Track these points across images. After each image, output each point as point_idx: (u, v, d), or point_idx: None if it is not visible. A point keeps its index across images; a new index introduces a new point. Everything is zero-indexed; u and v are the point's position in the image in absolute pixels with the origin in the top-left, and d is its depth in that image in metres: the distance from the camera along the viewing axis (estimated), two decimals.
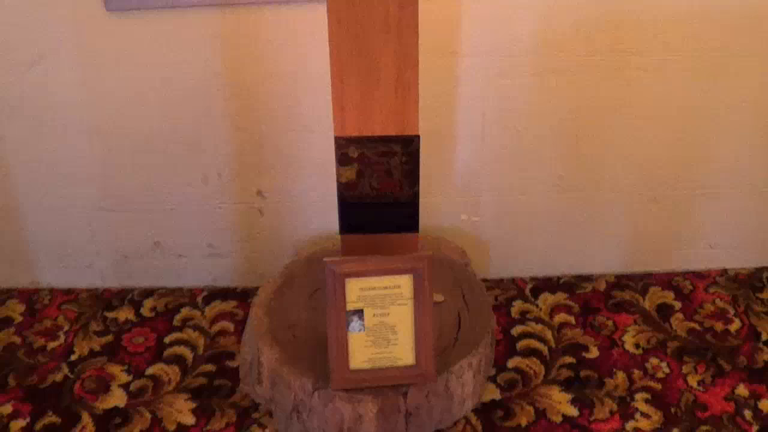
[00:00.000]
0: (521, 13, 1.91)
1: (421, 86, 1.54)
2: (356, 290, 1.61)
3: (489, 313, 1.84)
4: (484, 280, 2.14)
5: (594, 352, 2.01)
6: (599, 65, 1.97)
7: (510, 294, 2.22)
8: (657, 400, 1.88)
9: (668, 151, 2.11)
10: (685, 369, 1.96)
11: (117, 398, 1.89)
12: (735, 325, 2.11)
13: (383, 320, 1.62)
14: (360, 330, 1.61)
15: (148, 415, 1.84)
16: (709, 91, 2.03)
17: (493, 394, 1.89)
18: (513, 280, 2.26)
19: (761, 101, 2.05)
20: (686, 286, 2.25)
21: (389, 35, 1.48)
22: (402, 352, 1.63)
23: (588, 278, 2.27)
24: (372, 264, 1.61)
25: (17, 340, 2.07)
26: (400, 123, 1.56)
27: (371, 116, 1.55)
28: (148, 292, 2.23)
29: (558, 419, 1.83)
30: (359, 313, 1.61)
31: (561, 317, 2.13)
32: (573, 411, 1.85)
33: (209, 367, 1.98)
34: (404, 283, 1.61)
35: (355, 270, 1.60)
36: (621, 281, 2.26)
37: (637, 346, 2.03)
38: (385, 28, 1.48)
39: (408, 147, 1.58)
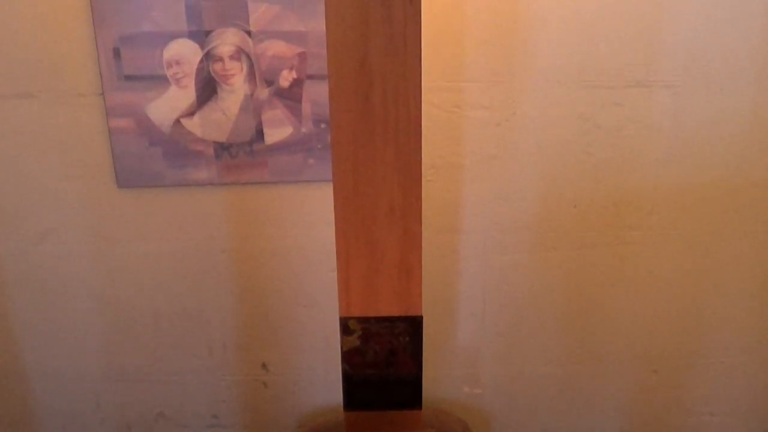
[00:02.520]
0: (520, 192, 1.96)
1: (423, 263, 1.57)
2: None
3: None
4: None
5: None
6: (597, 240, 2.01)
7: None
8: None
9: (667, 322, 2.14)
10: None
11: None
12: None
13: None
14: None
15: None
16: (705, 263, 2.07)
17: None
18: None
19: (755, 273, 2.10)
20: None
21: (393, 220, 1.51)
22: None
23: None
24: None
25: None
26: (404, 304, 1.58)
27: (376, 298, 1.57)
28: None
29: None
30: None
31: None
32: None
33: None
34: None
35: None
36: None
37: None
38: (389, 214, 1.51)
39: (411, 326, 1.61)
